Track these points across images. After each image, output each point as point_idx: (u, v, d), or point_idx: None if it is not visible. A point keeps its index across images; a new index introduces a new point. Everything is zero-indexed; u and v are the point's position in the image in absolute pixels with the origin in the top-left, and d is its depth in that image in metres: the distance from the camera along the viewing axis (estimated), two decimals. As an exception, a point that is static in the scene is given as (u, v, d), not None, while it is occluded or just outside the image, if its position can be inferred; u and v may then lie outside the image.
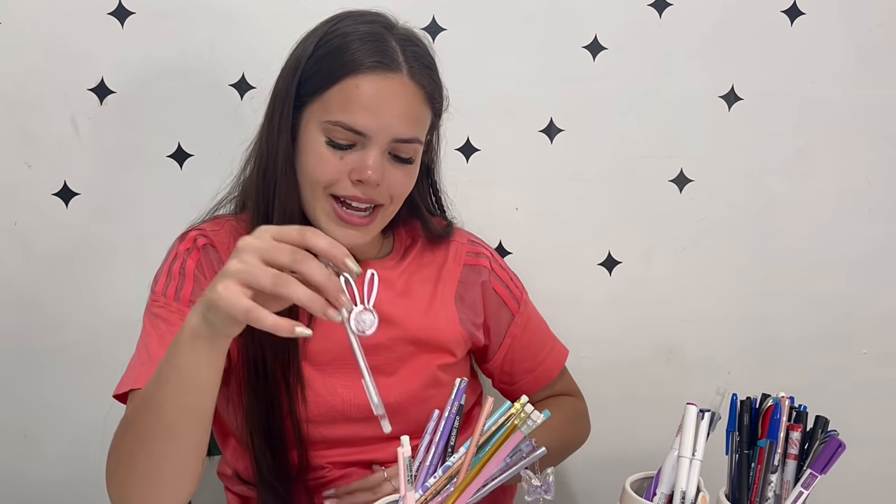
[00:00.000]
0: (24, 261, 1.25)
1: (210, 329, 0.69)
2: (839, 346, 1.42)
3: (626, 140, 1.32)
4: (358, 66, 0.87)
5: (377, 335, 0.96)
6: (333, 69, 0.88)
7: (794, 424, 0.77)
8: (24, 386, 1.30)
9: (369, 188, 0.89)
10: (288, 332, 0.65)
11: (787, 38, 1.31)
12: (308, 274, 0.65)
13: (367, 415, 0.97)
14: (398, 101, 0.88)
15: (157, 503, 0.80)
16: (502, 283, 1.09)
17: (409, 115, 0.90)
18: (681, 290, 1.38)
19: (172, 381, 0.73)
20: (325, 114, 0.88)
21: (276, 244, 0.66)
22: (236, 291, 0.65)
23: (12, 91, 1.20)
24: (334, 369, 0.96)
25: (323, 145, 0.88)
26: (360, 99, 0.87)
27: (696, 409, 0.76)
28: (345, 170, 0.88)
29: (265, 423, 0.91)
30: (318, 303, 0.65)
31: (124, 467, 0.80)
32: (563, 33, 1.28)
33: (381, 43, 0.89)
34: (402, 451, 0.66)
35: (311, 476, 0.97)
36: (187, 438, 0.76)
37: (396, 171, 0.91)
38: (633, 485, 0.79)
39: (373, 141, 0.88)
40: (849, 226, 1.38)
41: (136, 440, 0.78)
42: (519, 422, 0.67)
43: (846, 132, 1.35)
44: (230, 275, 0.66)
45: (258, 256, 0.66)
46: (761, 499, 0.77)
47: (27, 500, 1.33)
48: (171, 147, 1.24)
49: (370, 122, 0.87)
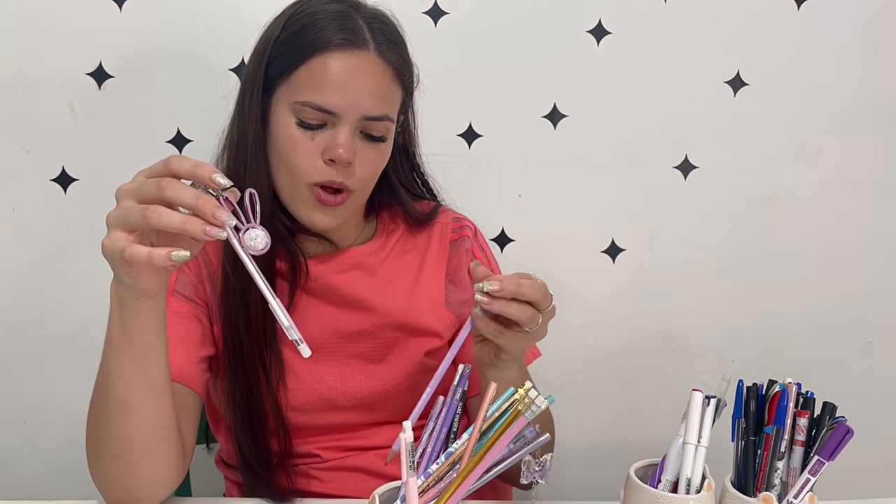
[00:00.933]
0: (22, 247, 1.24)
1: (126, 290, 0.70)
2: (844, 335, 1.41)
3: (630, 126, 1.30)
4: (325, 45, 0.86)
5: (361, 322, 0.96)
6: (300, 49, 0.87)
7: (802, 411, 0.76)
8: (22, 373, 1.29)
9: (341, 169, 0.88)
10: (164, 259, 0.64)
11: (794, 23, 1.29)
12: (175, 198, 0.65)
13: (357, 403, 0.96)
14: (366, 77, 0.87)
15: (135, 486, 0.80)
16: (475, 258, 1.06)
17: (378, 91, 0.88)
18: (685, 278, 1.37)
19: (112, 354, 0.74)
20: (293, 94, 0.87)
21: (144, 181, 0.66)
22: (117, 237, 0.66)
23: (10, 76, 1.19)
24: (320, 357, 0.95)
25: (294, 127, 0.87)
26: (327, 77, 0.86)
27: (701, 395, 0.75)
28: (317, 150, 0.87)
29: (245, 407, 0.91)
30: (193, 223, 0.64)
31: (93, 451, 0.80)
32: (566, 17, 1.26)
33: (348, 21, 0.88)
34: (405, 437, 0.64)
35: (300, 462, 0.96)
36: (141, 413, 0.76)
37: (369, 151, 0.90)
38: (638, 472, 0.78)
39: (342, 119, 0.87)
40: (855, 213, 1.37)
41: (95, 421, 0.78)
42: (523, 407, 0.66)
43: (853, 119, 1.34)
44: (109, 223, 0.67)
45: (132, 198, 0.66)
46: (768, 485, 0.76)
47: (27, 485, 1.32)
48: (170, 132, 1.23)
49: (338, 100, 0.86)
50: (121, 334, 0.73)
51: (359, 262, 0.99)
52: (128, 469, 0.78)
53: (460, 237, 1.06)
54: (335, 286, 0.96)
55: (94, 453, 0.80)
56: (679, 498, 0.73)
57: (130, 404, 0.75)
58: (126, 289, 0.70)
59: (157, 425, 0.78)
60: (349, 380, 0.96)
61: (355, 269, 0.99)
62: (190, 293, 0.92)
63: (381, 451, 0.99)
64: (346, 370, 0.96)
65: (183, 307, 0.91)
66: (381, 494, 0.71)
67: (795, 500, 0.74)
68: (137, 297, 0.71)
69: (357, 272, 0.99)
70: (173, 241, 0.67)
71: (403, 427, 0.65)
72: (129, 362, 0.74)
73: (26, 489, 1.32)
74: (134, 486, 0.80)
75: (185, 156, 0.67)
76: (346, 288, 0.97)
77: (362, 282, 0.98)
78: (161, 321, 0.74)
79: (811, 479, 0.74)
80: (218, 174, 0.65)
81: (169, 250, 0.65)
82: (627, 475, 0.77)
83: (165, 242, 0.67)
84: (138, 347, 0.73)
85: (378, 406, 0.97)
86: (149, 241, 0.68)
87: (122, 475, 0.79)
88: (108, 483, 0.81)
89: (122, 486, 0.80)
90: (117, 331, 0.73)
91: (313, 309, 0.96)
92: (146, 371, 0.75)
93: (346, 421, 0.97)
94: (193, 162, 0.66)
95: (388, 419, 0.99)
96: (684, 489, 0.74)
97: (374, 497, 0.70)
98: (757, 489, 0.76)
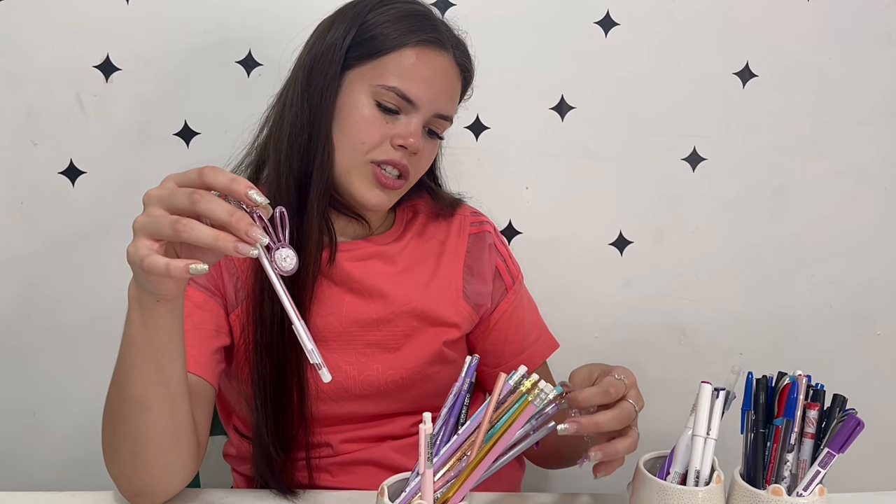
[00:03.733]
0: (30, 239, 1.25)
1: (145, 293, 0.69)
2: (853, 327, 1.40)
3: (638, 118, 1.30)
4: (417, 39, 0.91)
5: (380, 310, 0.96)
6: (391, 36, 0.91)
7: (812, 403, 0.76)
8: (32, 364, 1.30)
9: (407, 155, 0.93)
10: (182, 272, 0.63)
11: (804, 14, 1.28)
12: (208, 213, 0.63)
13: (373, 392, 0.96)
14: (447, 77, 0.94)
15: (150, 480, 0.80)
16: (501, 257, 1.08)
17: (453, 93, 0.96)
18: (693, 271, 1.36)
19: (129, 354, 0.73)
20: (377, 78, 0.90)
21: (176, 189, 0.65)
22: (141, 245, 0.65)
23: (18, 68, 1.19)
24: (338, 346, 0.96)
25: (371, 107, 0.91)
26: (417, 69, 0.91)
27: (710, 387, 0.75)
28: (387, 134, 0.91)
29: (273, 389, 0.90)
30: (225, 240, 0.62)
31: (109, 446, 0.80)
32: (574, 9, 1.25)
33: (435, 22, 0.95)
34: (424, 428, 0.64)
35: (312, 455, 0.96)
36: (159, 412, 0.76)
37: (427, 145, 0.96)
38: (647, 464, 0.78)
39: (419, 111, 0.92)
40: (864, 205, 1.36)
41: (112, 418, 0.78)
42: (532, 397, 0.66)
43: (862, 110, 1.33)
44: (136, 230, 0.66)
45: (161, 206, 0.65)
46: (777, 478, 0.75)
47: (36, 476, 1.33)
48: (177, 125, 1.23)
49: (422, 93, 0.91)
50: (139, 334, 0.72)
51: (379, 252, 1.00)
52: (144, 464, 0.79)
53: (480, 231, 1.07)
54: (355, 274, 0.97)
55: (110, 448, 0.80)
56: (688, 490, 0.73)
57: (148, 404, 0.75)
58: (145, 292, 0.70)
59: (174, 423, 0.78)
60: (366, 368, 0.96)
61: (375, 257, 0.99)
62: (205, 282, 0.92)
63: (396, 443, 0.99)
64: (363, 359, 0.96)
65: (199, 297, 0.91)
66: (389, 486, 0.71)
67: (805, 493, 0.74)
68: (156, 300, 0.70)
69: (377, 261, 0.99)
70: (197, 252, 0.66)
71: (423, 418, 0.65)
72: (147, 362, 0.74)
73: (35, 480, 1.32)
74: (149, 481, 0.81)
75: (219, 168, 0.65)
76: (366, 276, 0.97)
77: (382, 271, 0.99)
78: (179, 322, 0.74)
79: (821, 472, 0.74)
80: (254, 190, 0.64)
81: (187, 263, 0.63)
82: (636, 467, 0.77)
83: (189, 252, 0.67)
84: (156, 348, 0.73)
85: (394, 395, 0.98)
86: (173, 250, 0.67)
87: (138, 470, 0.79)
88: (123, 477, 0.81)
89: (138, 480, 0.80)
90: (135, 331, 0.72)
91: (333, 296, 0.96)
92: (163, 371, 0.75)
93: (362, 410, 0.97)
94: (230, 176, 0.64)
95: (404, 409, 0.99)
96: (693, 481, 0.74)
97: (382, 488, 0.70)
98: (766, 481, 0.76)
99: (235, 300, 0.92)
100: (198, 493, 0.89)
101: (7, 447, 1.33)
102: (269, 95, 0.99)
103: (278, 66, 0.99)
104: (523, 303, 1.09)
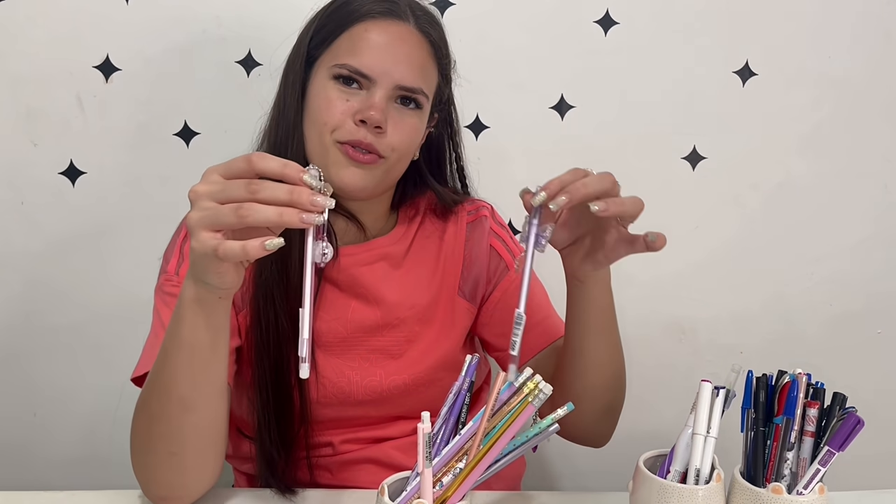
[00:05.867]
0: (31, 240, 1.25)
1: (207, 290, 0.69)
2: (853, 326, 1.40)
3: (638, 116, 1.30)
4: (366, 14, 0.90)
5: (386, 316, 0.96)
6: (342, 18, 0.90)
7: (812, 401, 0.76)
8: (32, 364, 1.30)
9: (373, 132, 0.88)
10: (259, 249, 0.64)
11: (804, 12, 1.28)
12: (271, 200, 0.64)
13: (376, 397, 0.96)
14: (403, 45, 0.90)
15: (182, 483, 0.80)
16: (498, 237, 1.06)
17: (415, 62, 0.91)
18: (693, 269, 1.36)
19: (178, 351, 0.73)
20: (333, 59, 0.90)
21: (227, 182, 0.65)
22: (205, 238, 0.65)
23: (17, 69, 1.19)
24: (342, 350, 0.95)
25: (330, 87, 0.89)
26: (367, 41, 0.89)
27: (710, 386, 0.75)
28: (349, 111, 0.88)
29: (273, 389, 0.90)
30: (290, 213, 0.63)
31: (143, 447, 0.79)
32: (574, 7, 1.25)
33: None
34: (423, 427, 0.64)
35: (313, 454, 0.96)
36: (203, 412, 0.76)
37: (403, 117, 0.91)
38: (647, 462, 0.78)
39: (378, 83, 0.88)
40: (864, 203, 1.36)
41: (150, 420, 0.77)
42: (531, 397, 0.66)
43: (863, 108, 1.33)
44: (194, 226, 0.65)
45: (213, 200, 0.65)
46: (777, 476, 0.75)
47: (36, 476, 1.33)
48: (177, 125, 1.23)
49: (376, 64, 0.88)
50: (192, 334, 0.72)
51: (385, 253, 0.99)
52: (180, 466, 0.78)
53: (477, 218, 1.05)
54: (361, 279, 0.96)
55: (144, 449, 0.79)
56: (688, 489, 0.73)
57: (194, 404, 0.75)
58: (209, 289, 0.69)
59: (215, 424, 0.78)
60: (369, 374, 0.96)
61: (381, 260, 0.98)
62: None
63: (397, 442, 0.99)
64: (367, 364, 0.96)
65: None
66: (389, 485, 0.71)
67: (805, 491, 0.74)
68: (219, 296, 0.70)
69: (383, 263, 0.98)
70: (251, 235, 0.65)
71: (422, 417, 0.65)
72: (197, 362, 0.73)
73: (35, 480, 1.33)
74: (181, 483, 0.80)
75: (266, 154, 0.66)
76: (372, 282, 0.97)
77: (388, 275, 0.98)
78: (228, 320, 0.74)
79: (821, 470, 0.74)
80: (306, 174, 0.64)
81: (261, 240, 0.64)
82: (636, 466, 0.77)
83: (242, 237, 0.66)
84: (208, 346, 0.73)
85: (396, 400, 0.97)
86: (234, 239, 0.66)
87: (172, 472, 0.79)
88: (153, 479, 0.80)
89: (169, 483, 0.80)
90: (188, 330, 0.72)
91: (338, 301, 0.96)
92: (211, 370, 0.75)
93: (365, 414, 0.97)
94: (280, 161, 0.65)
95: (407, 414, 0.98)
96: (693, 480, 0.74)
97: (382, 487, 0.70)
98: (766, 480, 0.76)
99: (241, 302, 0.92)
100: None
101: (7, 447, 1.33)
102: (268, 95, 0.99)
103: (278, 67, 0.99)
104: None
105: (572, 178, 0.74)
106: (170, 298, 0.90)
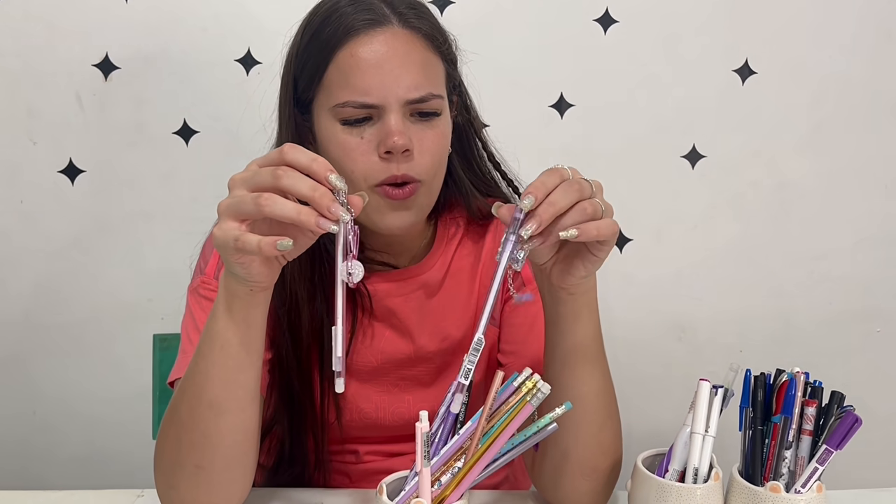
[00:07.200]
0: (30, 238, 1.25)
1: (238, 283, 0.68)
2: (852, 324, 1.40)
3: (638, 115, 1.30)
4: (346, 33, 0.80)
5: (420, 350, 0.91)
6: (322, 47, 0.81)
7: (810, 400, 0.76)
8: (32, 363, 1.30)
9: (401, 159, 0.80)
10: (271, 247, 0.62)
11: (804, 11, 1.28)
12: (291, 188, 0.62)
13: (402, 423, 0.92)
14: (396, 53, 0.80)
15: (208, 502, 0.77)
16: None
17: (414, 64, 0.81)
18: (692, 268, 1.36)
19: (212, 351, 0.71)
20: (329, 99, 0.80)
21: (259, 169, 0.64)
22: (228, 226, 0.64)
23: (17, 67, 1.19)
24: (371, 377, 0.92)
25: (339, 132, 0.81)
26: (357, 66, 0.79)
27: (709, 384, 0.75)
28: (370, 148, 0.80)
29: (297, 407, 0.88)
30: (308, 214, 0.62)
31: (170, 462, 0.76)
32: (573, 6, 1.25)
33: (363, 3, 0.82)
34: (420, 427, 0.64)
35: (338, 458, 0.95)
36: (234, 417, 0.73)
37: (425, 132, 0.82)
38: (645, 461, 0.78)
39: (386, 109, 0.79)
40: (864, 202, 1.36)
41: (180, 427, 0.75)
42: (529, 396, 0.66)
43: (862, 108, 1.33)
44: (221, 213, 0.65)
45: (245, 187, 0.64)
46: (775, 475, 0.75)
47: (36, 475, 1.33)
48: (176, 123, 1.23)
49: (375, 88, 0.79)
50: (226, 329, 0.70)
51: (422, 283, 0.92)
52: (207, 482, 0.75)
53: None
54: (398, 311, 0.91)
55: (171, 464, 0.76)
56: (686, 487, 0.73)
57: (225, 407, 0.73)
58: (238, 281, 0.68)
59: (245, 433, 0.75)
60: (397, 400, 0.93)
61: (419, 289, 0.92)
62: None
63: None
64: (395, 390, 0.93)
65: None
66: (388, 485, 0.71)
67: (803, 490, 0.74)
68: (249, 289, 0.69)
69: (420, 293, 0.92)
70: (285, 232, 0.64)
71: (420, 416, 0.65)
72: (231, 360, 0.71)
73: (35, 479, 1.33)
74: (207, 502, 0.77)
75: (300, 146, 0.65)
76: (409, 313, 0.92)
77: (423, 306, 0.93)
78: (265, 318, 0.72)
79: (819, 469, 0.74)
80: (334, 174, 0.63)
81: (275, 239, 0.62)
82: (635, 465, 0.77)
83: (278, 233, 0.64)
84: (241, 343, 0.71)
85: None
86: (260, 233, 0.65)
87: (199, 489, 0.75)
88: (179, 499, 0.77)
89: (196, 501, 0.76)
90: (222, 325, 0.70)
91: (372, 331, 0.92)
92: (244, 371, 0.73)
93: (390, 435, 0.95)
94: (311, 155, 0.63)
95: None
96: (692, 478, 0.74)
97: (381, 487, 0.70)
98: (765, 478, 0.76)
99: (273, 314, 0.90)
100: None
101: (7, 446, 1.33)
102: (268, 94, 0.98)
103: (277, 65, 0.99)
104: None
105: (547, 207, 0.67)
106: (206, 303, 0.86)
